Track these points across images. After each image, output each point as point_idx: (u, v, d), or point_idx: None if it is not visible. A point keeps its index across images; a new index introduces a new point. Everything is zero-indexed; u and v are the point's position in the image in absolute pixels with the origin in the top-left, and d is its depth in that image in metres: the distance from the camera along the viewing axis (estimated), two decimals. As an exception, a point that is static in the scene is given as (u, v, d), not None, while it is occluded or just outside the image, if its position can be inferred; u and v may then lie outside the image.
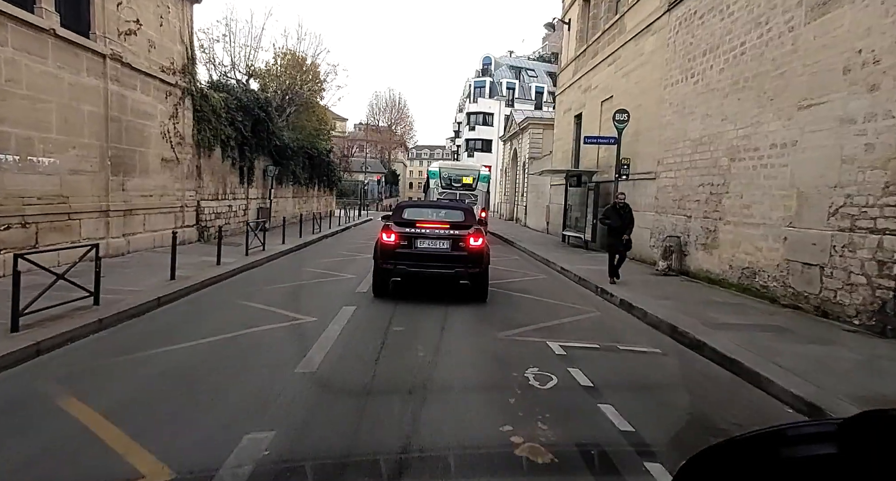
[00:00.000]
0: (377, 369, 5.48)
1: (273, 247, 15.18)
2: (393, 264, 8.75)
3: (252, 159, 19.10)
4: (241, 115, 17.33)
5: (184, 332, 6.56)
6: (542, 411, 4.40)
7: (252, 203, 20.01)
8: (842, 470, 0.87)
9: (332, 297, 9.15)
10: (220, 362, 5.57)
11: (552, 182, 25.67)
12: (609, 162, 17.48)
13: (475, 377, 5.47)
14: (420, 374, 5.31)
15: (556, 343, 6.56)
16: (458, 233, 8.74)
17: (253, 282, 10.27)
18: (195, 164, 14.95)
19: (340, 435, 3.86)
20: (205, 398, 4.55)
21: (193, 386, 4.88)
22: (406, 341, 6.48)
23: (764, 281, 9.14)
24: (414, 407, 4.43)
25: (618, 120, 15.06)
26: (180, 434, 3.79)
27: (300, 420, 4.10)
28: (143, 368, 5.28)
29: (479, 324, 7.72)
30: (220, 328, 6.68)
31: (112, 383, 4.88)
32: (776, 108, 8.95)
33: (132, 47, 11.51)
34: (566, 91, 23.99)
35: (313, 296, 9.28)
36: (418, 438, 3.85)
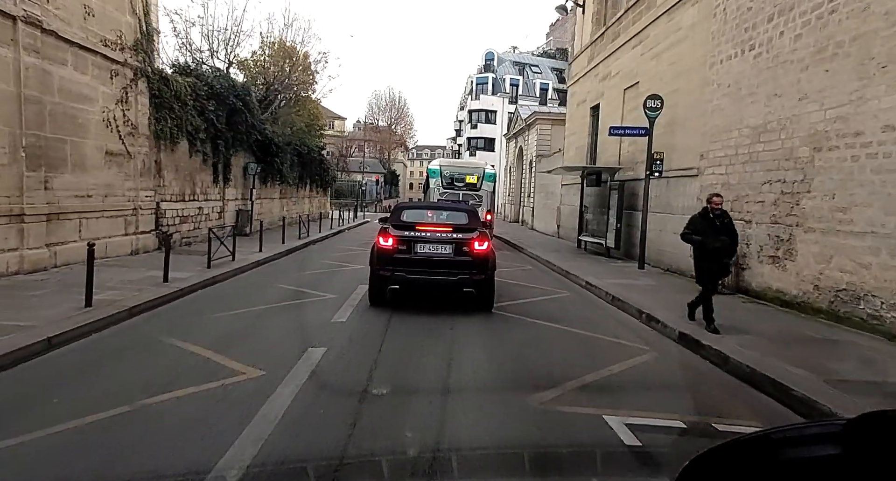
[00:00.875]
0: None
1: (246, 257, 12.96)
2: (390, 271, 8.01)
3: (228, 155, 16.86)
4: (213, 104, 15.09)
5: (33, 413, 4.12)
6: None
7: (229, 205, 17.76)
8: (845, 471, 0.87)
9: (297, 333, 6.91)
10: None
11: (564, 181, 23.43)
12: (635, 157, 15.25)
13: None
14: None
15: (618, 418, 4.29)
16: (461, 236, 8.11)
17: (199, 308, 8.02)
18: (153, 160, 12.71)
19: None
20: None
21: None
22: (389, 422, 4.20)
23: (874, 309, 6.87)
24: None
25: (649, 107, 12.82)
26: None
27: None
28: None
29: (500, 377, 5.48)
30: (105, 398, 4.39)
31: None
32: (892, 77, 6.69)
33: (59, 12, 9.27)
34: (580, 81, 21.74)
35: (271, 331, 7.02)
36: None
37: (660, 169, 12.87)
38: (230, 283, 10.28)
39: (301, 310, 8.19)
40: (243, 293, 9.39)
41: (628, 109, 16.22)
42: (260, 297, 8.90)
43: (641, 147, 14.75)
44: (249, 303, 8.33)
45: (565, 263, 14.29)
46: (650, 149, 12.85)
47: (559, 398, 4.80)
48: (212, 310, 7.90)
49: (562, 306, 9.30)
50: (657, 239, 13.40)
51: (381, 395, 4.73)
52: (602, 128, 18.75)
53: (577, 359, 6.12)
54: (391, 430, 3.98)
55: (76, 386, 4.76)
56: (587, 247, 18.07)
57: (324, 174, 31.72)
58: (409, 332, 7.12)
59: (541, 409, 4.52)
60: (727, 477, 0.95)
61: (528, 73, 58.12)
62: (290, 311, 8.10)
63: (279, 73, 23.12)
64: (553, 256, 15.98)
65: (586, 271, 12.63)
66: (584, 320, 8.21)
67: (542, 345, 6.70)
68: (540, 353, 6.35)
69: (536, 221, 29.78)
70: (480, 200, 19.15)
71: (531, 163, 32.20)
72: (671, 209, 13.01)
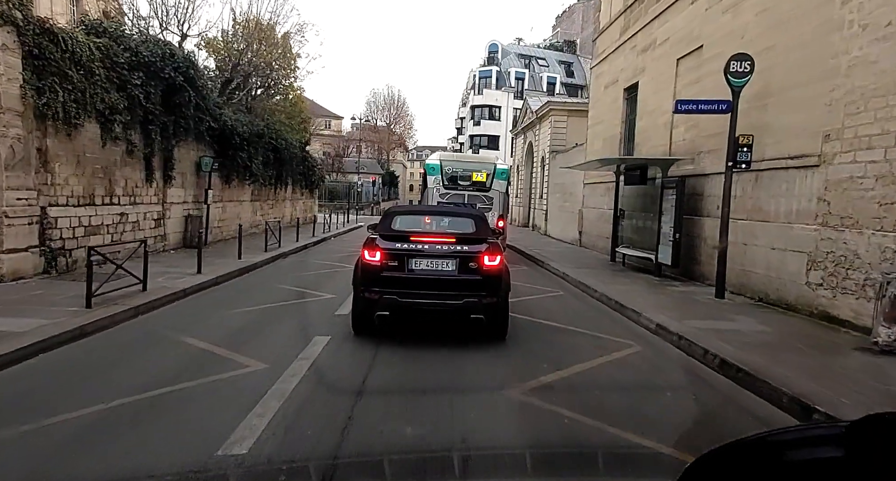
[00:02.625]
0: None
1: (171, 283, 9.30)
2: (378, 293, 6.40)
3: (169, 146, 13.16)
4: (140, 77, 11.39)
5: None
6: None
7: (174, 209, 14.04)
8: (848, 473, 0.87)
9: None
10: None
11: (587, 180, 19.73)
12: (696, 145, 11.53)
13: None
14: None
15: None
16: (467, 249, 6.59)
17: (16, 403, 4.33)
18: (35, 147, 9.03)
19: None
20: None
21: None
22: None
23: None
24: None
25: (733, 73, 9.10)
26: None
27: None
28: None
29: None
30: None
31: None
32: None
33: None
34: (609, 58, 18.02)
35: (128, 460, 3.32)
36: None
37: (747, 158, 9.15)
38: (108, 338, 6.53)
39: (208, 400, 4.47)
40: (114, 364, 5.67)
41: (684, 84, 12.50)
42: (144, 373, 5.18)
43: (707, 131, 11.07)
44: (116, 391, 4.59)
45: (608, 287, 10.57)
46: (733, 132, 9.14)
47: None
48: (37, 409, 4.17)
49: (642, 382, 5.56)
50: (741, 256, 9.69)
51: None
52: (642, 113, 15.04)
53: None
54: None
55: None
56: (626, 261, 14.34)
57: (309, 173, 28.03)
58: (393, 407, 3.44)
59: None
60: (729, 478, 0.95)
61: (535, 67, 54.51)
62: (186, 405, 4.35)
63: (247, 50, 19.35)
64: (587, 275, 12.25)
65: (646, 303, 8.90)
66: (697, 424, 4.49)
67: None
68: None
69: (551, 226, 26.04)
70: (490, 203, 15.44)
71: (544, 160, 28.49)
72: (765, 214, 9.27)
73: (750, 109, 9.34)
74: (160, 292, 8.57)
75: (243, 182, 18.96)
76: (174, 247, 13.86)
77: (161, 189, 13.21)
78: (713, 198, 11.02)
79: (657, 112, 13.89)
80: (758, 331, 7.23)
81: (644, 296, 9.72)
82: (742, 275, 9.73)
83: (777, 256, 8.78)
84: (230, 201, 18.18)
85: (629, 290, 10.32)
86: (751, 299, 9.40)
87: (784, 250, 8.64)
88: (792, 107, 8.64)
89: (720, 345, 6.31)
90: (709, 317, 8.04)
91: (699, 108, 9.53)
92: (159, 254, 12.84)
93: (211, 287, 10.02)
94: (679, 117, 12.64)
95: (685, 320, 7.69)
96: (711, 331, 7.07)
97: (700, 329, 7.14)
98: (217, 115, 15.06)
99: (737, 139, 9.13)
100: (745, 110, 9.25)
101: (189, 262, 11.24)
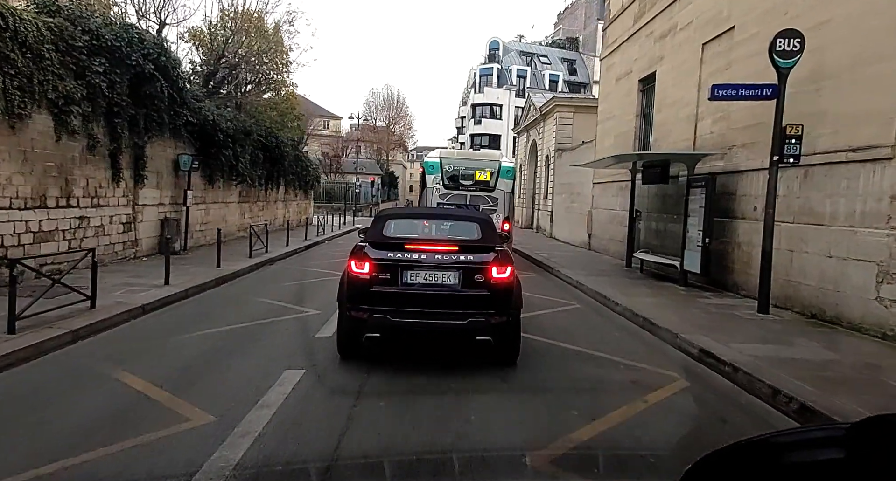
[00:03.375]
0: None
1: (130, 297, 8.08)
2: (367, 312, 5.37)
3: (141, 142, 11.90)
4: (101, 63, 10.11)
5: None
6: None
7: (148, 212, 12.77)
8: (849, 475, 0.87)
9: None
10: None
11: (596, 179, 18.47)
12: (727, 139, 10.27)
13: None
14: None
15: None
16: (472, 259, 5.55)
17: None
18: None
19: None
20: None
21: None
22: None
23: None
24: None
25: (780, 53, 7.81)
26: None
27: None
28: None
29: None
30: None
31: None
32: None
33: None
34: (621, 48, 16.74)
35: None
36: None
37: (796, 151, 7.86)
38: (10, 378, 5.24)
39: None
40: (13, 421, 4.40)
41: (711, 71, 11.21)
42: (49, 428, 3.91)
43: (740, 122, 9.81)
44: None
45: (630, 299, 9.31)
46: (780, 121, 7.86)
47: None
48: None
49: (705, 438, 4.27)
50: (786, 264, 8.41)
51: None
52: (660, 105, 13.76)
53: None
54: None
55: None
56: (644, 267, 13.05)
57: (303, 173, 26.76)
58: None
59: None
60: (730, 480, 0.94)
61: (537, 64, 53.27)
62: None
63: (232, 40, 18.05)
64: (603, 284, 10.98)
65: (680, 320, 7.63)
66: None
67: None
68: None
69: (557, 228, 24.77)
70: (495, 204, 14.17)
71: (548, 159, 27.22)
72: (817, 216, 7.98)
73: (797, 95, 8.06)
74: (112, 310, 7.29)
75: (230, 182, 17.70)
76: (148, 254, 12.58)
77: (131, 189, 11.93)
78: (748, 198, 9.75)
79: (678, 104, 12.62)
80: (828, 361, 5.95)
81: (675, 310, 8.45)
82: (787, 287, 8.44)
83: (835, 266, 7.49)
84: (214, 203, 16.91)
85: (656, 303, 9.05)
86: (800, 315, 8.11)
87: (845, 259, 7.35)
88: (856, 89, 7.36)
89: (792, 382, 5.02)
90: (760, 339, 6.76)
91: (739, 93, 8.24)
92: (127, 263, 11.57)
93: (178, 301, 8.75)
94: (705, 109, 11.39)
95: (733, 344, 6.41)
96: (771, 359, 5.79)
97: (756, 357, 5.86)
98: (196, 109, 13.78)
99: (784, 129, 7.85)
100: (791, 96, 7.96)
101: (160, 271, 9.96)
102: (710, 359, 6.01)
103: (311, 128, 56.06)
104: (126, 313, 7.36)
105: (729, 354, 5.93)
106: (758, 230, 9.14)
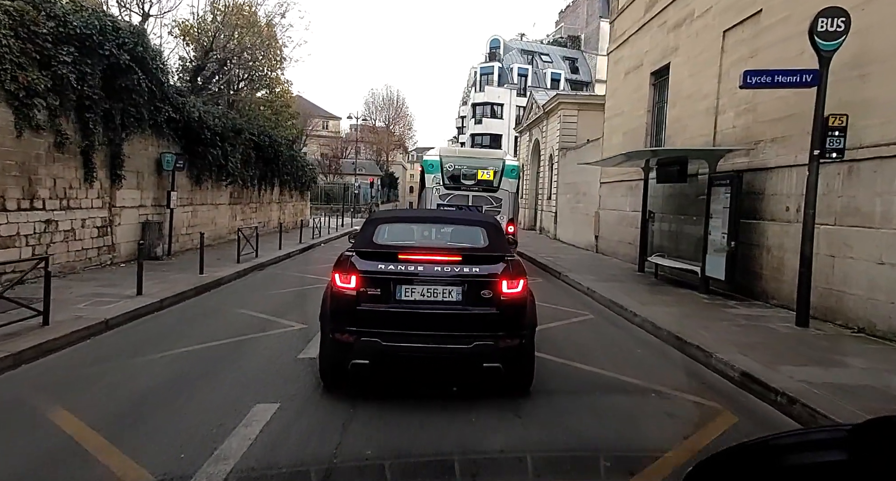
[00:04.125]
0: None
1: (94, 310, 7.25)
2: (354, 334, 4.54)
3: (117, 139, 11.04)
4: (70, 53, 9.26)
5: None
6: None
7: (127, 214, 11.91)
8: (851, 476, 0.86)
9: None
10: None
11: (604, 178, 17.63)
12: (752, 133, 9.43)
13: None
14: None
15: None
16: (478, 271, 4.70)
17: None
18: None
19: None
20: None
21: None
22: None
23: None
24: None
25: (822, 34, 6.96)
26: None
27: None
28: None
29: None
30: None
31: None
32: None
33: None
34: (631, 40, 15.89)
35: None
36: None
37: (839, 145, 7.00)
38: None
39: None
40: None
41: (733, 60, 10.36)
42: None
43: (769, 115, 8.97)
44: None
45: (649, 308, 8.47)
46: (821, 110, 7.00)
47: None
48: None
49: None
50: (826, 271, 7.54)
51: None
52: (675, 99, 12.91)
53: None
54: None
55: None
56: (658, 272, 12.19)
57: (299, 174, 25.89)
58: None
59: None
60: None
61: (538, 63, 52.43)
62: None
63: (221, 33, 17.18)
64: (617, 291, 10.13)
65: (711, 336, 6.77)
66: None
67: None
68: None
69: (561, 230, 23.91)
70: (499, 205, 13.34)
71: (552, 159, 26.36)
72: (864, 218, 7.12)
73: (837, 83, 7.20)
74: (68, 326, 6.43)
75: (219, 183, 16.84)
76: (126, 260, 11.71)
77: (107, 190, 11.07)
78: (779, 198, 8.89)
79: (696, 96, 11.76)
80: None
81: (702, 322, 7.58)
82: (828, 297, 7.57)
83: (889, 273, 6.63)
84: (203, 204, 16.05)
85: (678, 314, 8.20)
86: (844, 328, 7.24)
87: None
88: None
89: (864, 417, 4.15)
90: (808, 359, 5.89)
91: (776, 80, 7.36)
92: (102, 270, 10.71)
93: (150, 314, 7.89)
94: (727, 101, 10.54)
95: (778, 365, 5.55)
96: (829, 387, 4.93)
97: (810, 383, 4.99)
98: (179, 105, 12.91)
99: (826, 120, 6.99)
100: (833, 84, 7.12)
101: (125, 283, 9.10)
102: (756, 386, 5.14)
103: (310, 128, 55.22)
104: (84, 330, 6.49)
105: (778, 380, 5.07)
106: (790, 233, 8.32)
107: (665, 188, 12.10)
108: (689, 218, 10.98)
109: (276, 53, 21.75)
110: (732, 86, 10.29)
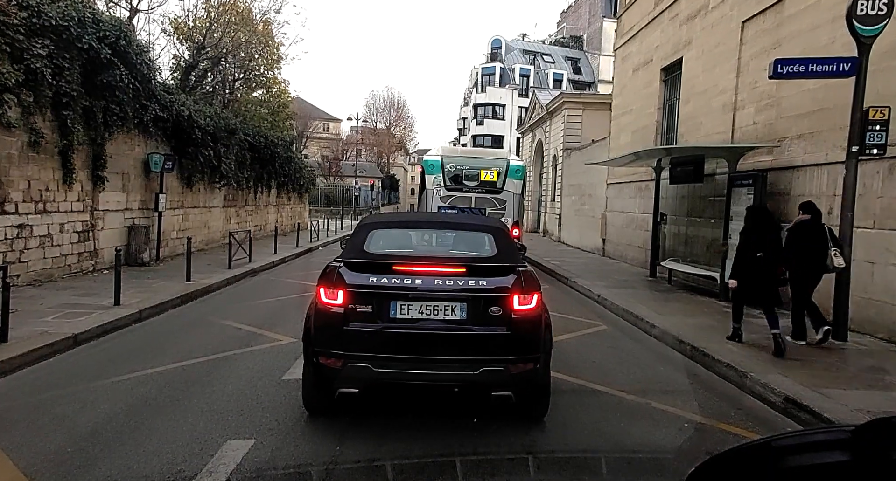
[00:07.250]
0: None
1: (63, 324, 6.63)
2: (342, 358, 3.92)
3: (99, 138, 10.42)
4: (45, 46, 8.64)
5: None
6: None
7: (110, 218, 11.28)
8: (853, 477, 0.84)
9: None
10: None
11: (611, 179, 17.00)
12: (776, 130, 8.80)
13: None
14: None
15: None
16: (485, 284, 4.08)
17: None
18: None
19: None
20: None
21: None
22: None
23: None
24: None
25: (862, 18, 6.33)
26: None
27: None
28: None
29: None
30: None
31: None
32: None
33: None
34: (640, 35, 15.26)
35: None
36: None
37: (880, 140, 6.36)
38: None
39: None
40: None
41: (753, 53, 9.72)
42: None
43: (794, 110, 8.35)
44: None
45: (667, 319, 7.85)
46: (859, 103, 6.36)
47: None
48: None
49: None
50: (866, 279, 6.90)
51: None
52: (688, 95, 12.27)
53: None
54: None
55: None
56: (672, 278, 11.53)
57: (297, 176, 25.27)
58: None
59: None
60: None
61: (540, 63, 51.79)
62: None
63: (214, 29, 16.58)
64: (630, 299, 9.49)
65: (745, 354, 6.12)
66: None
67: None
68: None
69: (566, 232, 23.26)
70: (503, 207, 12.71)
71: (555, 160, 25.74)
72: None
73: (875, 73, 6.57)
74: (27, 344, 5.79)
75: (212, 185, 16.23)
76: (110, 267, 11.06)
77: (89, 193, 10.44)
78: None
79: (711, 92, 11.12)
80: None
81: (726, 335, 6.91)
82: (867, 307, 6.92)
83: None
84: (194, 207, 15.43)
85: (700, 325, 7.56)
86: (887, 342, 6.59)
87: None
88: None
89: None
90: (857, 380, 5.25)
91: (809, 69, 6.71)
92: (83, 278, 10.09)
93: (127, 326, 7.26)
94: (747, 96, 9.90)
95: (824, 387, 4.89)
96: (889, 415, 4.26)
97: (867, 412, 4.34)
98: (167, 102, 12.29)
99: (865, 113, 6.34)
100: (870, 74, 6.48)
101: (102, 293, 8.47)
102: (804, 414, 4.48)
103: (310, 130, 54.66)
104: (47, 347, 5.85)
105: (830, 408, 4.42)
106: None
107: (678, 189, 11.46)
108: (705, 220, 10.34)
109: (273, 52, 21.15)
110: (752, 79, 9.68)
